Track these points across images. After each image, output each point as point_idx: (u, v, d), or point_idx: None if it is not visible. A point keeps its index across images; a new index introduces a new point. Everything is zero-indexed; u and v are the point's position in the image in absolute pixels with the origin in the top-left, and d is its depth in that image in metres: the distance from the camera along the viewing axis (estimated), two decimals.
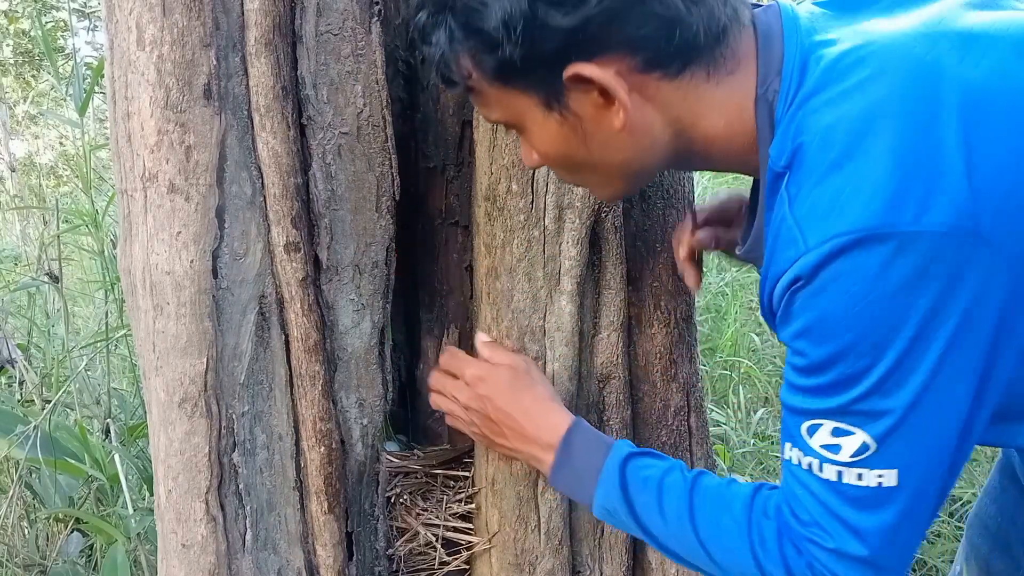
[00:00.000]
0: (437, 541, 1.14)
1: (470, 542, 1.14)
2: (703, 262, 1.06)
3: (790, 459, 0.78)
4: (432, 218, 1.19)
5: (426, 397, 1.08)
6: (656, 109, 0.76)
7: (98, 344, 1.82)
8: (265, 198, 0.96)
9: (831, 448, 0.73)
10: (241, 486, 0.98)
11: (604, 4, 0.69)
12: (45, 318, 2.53)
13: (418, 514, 1.15)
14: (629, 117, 0.75)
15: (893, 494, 0.73)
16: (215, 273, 0.93)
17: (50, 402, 1.64)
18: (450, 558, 1.15)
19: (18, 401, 2.01)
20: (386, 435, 1.14)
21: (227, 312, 0.95)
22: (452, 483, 1.16)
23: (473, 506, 1.15)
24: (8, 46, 6.49)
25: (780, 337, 0.76)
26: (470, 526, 1.16)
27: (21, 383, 2.04)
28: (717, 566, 0.84)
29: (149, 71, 0.88)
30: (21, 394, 2.03)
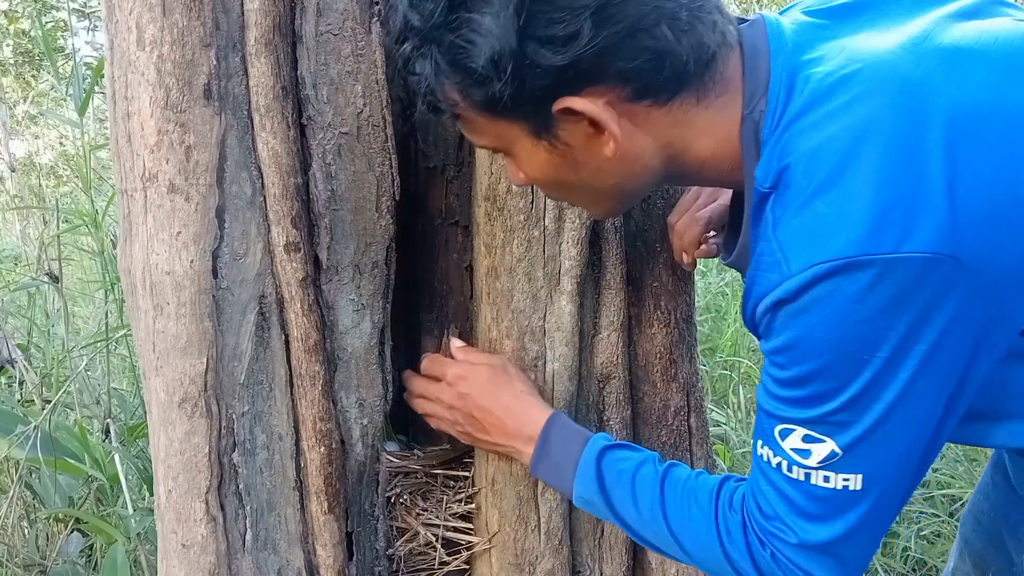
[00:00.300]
0: (437, 541, 1.14)
1: (470, 542, 1.14)
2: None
3: (761, 455, 0.80)
4: (432, 218, 1.19)
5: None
6: (647, 135, 0.77)
7: (98, 344, 1.82)
8: (265, 198, 0.96)
9: (801, 453, 0.75)
10: (241, 486, 0.98)
11: (595, 41, 0.68)
12: (45, 318, 2.53)
13: (418, 514, 1.15)
14: (620, 145, 0.75)
15: (857, 496, 0.75)
16: (215, 273, 0.93)
17: (50, 402, 1.64)
18: (450, 558, 1.15)
19: (18, 401, 2.01)
20: (386, 435, 1.14)
21: (227, 312, 0.95)
22: (452, 483, 1.16)
23: (473, 506, 1.15)
24: (8, 46, 6.49)
25: (761, 348, 0.77)
26: (470, 526, 1.16)
27: (21, 383, 2.04)
28: (688, 556, 0.87)
29: (149, 71, 0.88)
30: (21, 394, 2.03)
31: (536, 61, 0.69)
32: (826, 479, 0.75)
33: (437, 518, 1.15)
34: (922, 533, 1.98)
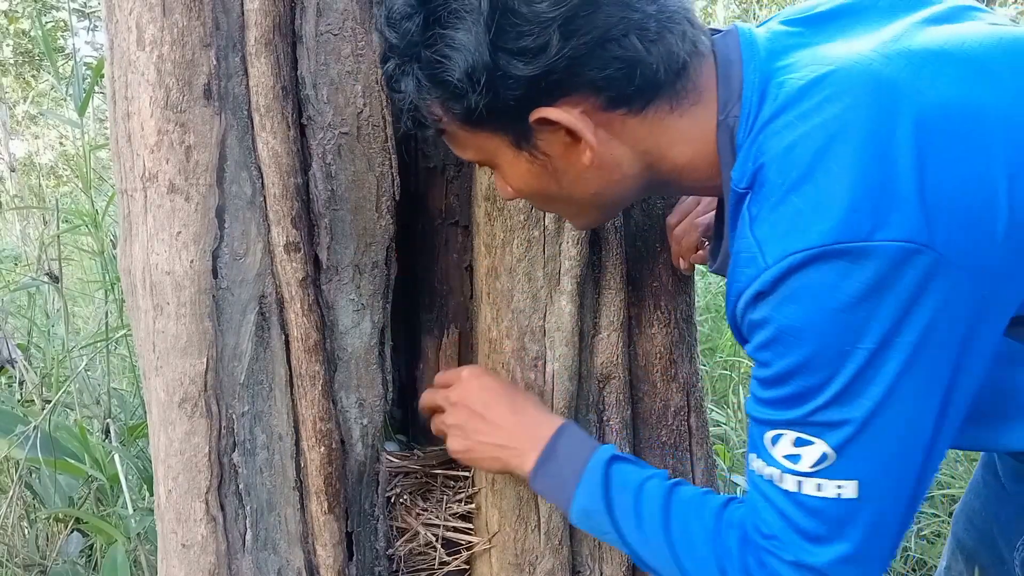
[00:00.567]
0: (437, 541, 1.14)
1: (470, 542, 1.14)
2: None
3: (754, 470, 0.79)
4: (432, 218, 1.19)
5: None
6: (624, 144, 0.78)
7: (98, 344, 1.83)
8: (265, 198, 0.96)
9: (792, 458, 0.75)
10: (241, 486, 0.98)
11: (564, 51, 0.70)
12: (45, 318, 2.53)
13: (418, 514, 1.15)
14: (597, 154, 0.77)
15: (853, 506, 0.74)
16: (215, 273, 0.93)
17: (50, 402, 1.64)
18: (450, 558, 1.15)
19: (18, 401, 2.01)
20: (386, 435, 1.14)
21: (227, 312, 0.95)
22: (452, 483, 1.16)
23: (473, 506, 1.15)
24: (8, 46, 6.49)
25: (746, 350, 0.78)
26: (470, 526, 1.16)
27: (21, 383, 2.04)
28: (685, 574, 0.85)
29: (149, 71, 0.88)
30: (21, 394, 2.03)
31: (509, 72, 0.71)
32: (819, 487, 0.74)
33: (437, 518, 1.15)
34: (922, 533, 1.98)
